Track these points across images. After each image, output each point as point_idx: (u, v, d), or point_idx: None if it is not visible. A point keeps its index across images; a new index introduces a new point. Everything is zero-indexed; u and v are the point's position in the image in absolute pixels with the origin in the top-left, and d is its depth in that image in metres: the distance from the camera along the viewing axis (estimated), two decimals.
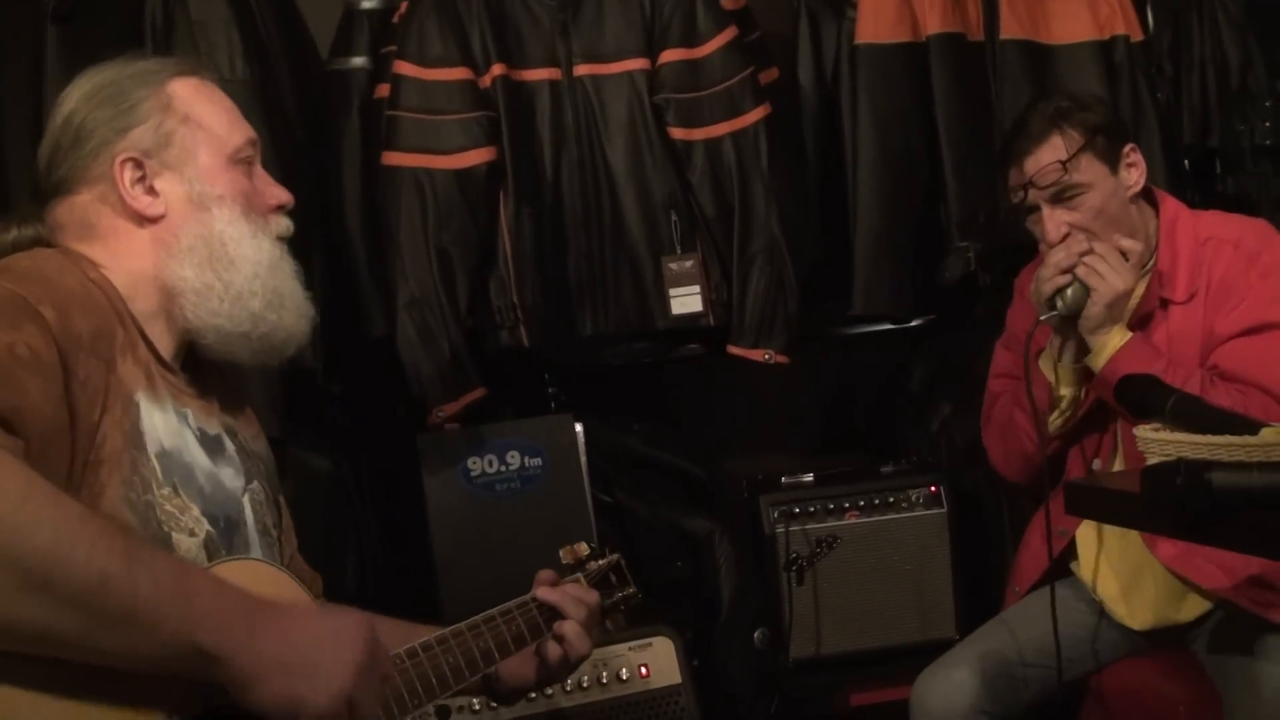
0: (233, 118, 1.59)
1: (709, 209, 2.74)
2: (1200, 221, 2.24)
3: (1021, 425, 2.28)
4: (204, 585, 1.28)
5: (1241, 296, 2.13)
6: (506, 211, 2.66)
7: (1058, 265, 2.13)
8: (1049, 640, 2.19)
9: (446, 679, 1.57)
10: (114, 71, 1.55)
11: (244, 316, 1.51)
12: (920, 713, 2.22)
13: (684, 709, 2.39)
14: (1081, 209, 2.16)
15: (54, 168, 1.52)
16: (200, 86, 1.58)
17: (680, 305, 2.76)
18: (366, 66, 2.77)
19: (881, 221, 2.87)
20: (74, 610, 1.17)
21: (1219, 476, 1.35)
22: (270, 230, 1.58)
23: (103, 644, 1.20)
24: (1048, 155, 2.16)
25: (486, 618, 1.66)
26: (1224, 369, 2.10)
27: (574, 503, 2.69)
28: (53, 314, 1.31)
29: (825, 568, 2.75)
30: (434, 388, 2.58)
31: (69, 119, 1.52)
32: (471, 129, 2.62)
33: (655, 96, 2.73)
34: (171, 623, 1.22)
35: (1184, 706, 2.12)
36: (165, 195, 1.51)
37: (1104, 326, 2.11)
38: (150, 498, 1.38)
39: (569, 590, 1.75)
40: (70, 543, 1.17)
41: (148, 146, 1.50)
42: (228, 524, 1.49)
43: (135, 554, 1.22)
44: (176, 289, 1.49)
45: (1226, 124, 2.96)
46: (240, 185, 1.56)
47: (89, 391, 1.33)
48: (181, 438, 1.46)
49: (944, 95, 2.88)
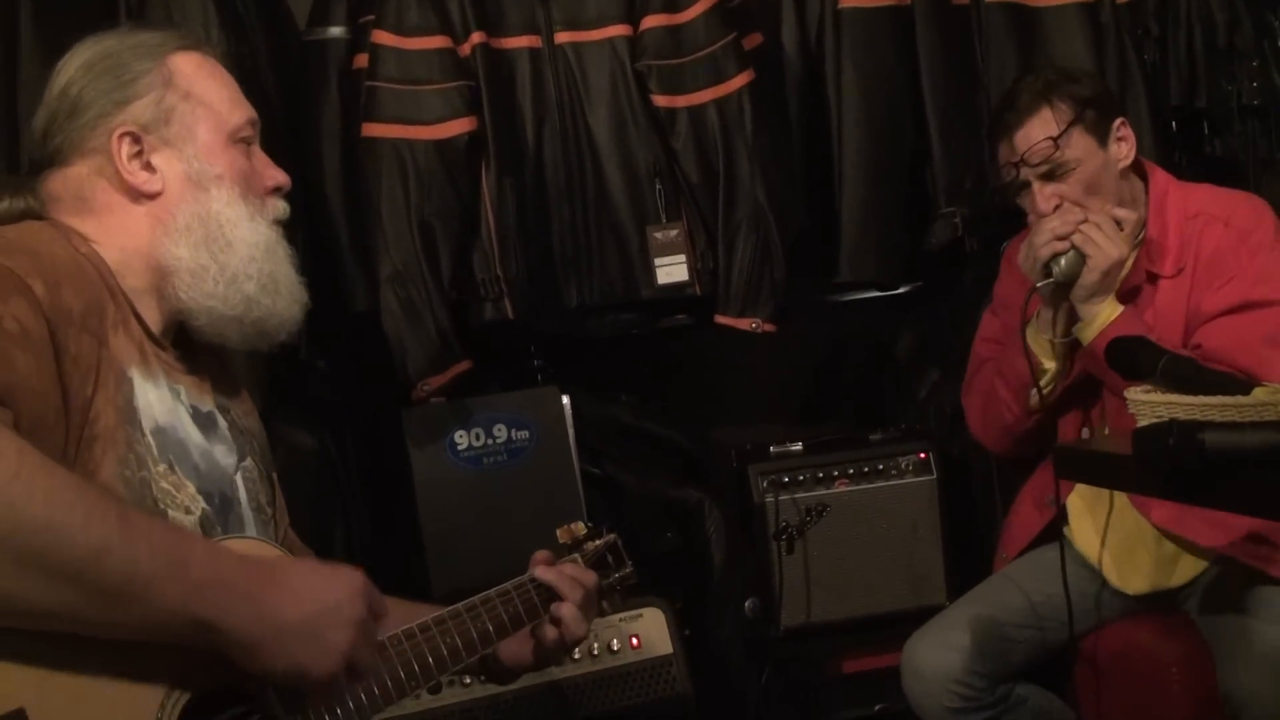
0: (234, 96, 1.56)
1: (693, 176, 2.71)
2: (1190, 195, 2.23)
3: (1002, 396, 2.28)
4: (200, 553, 1.27)
5: (1230, 274, 2.13)
6: (489, 182, 2.62)
7: (1053, 231, 2.12)
8: (1039, 602, 2.22)
9: (444, 660, 1.56)
10: (114, 42, 1.51)
11: (238, 299, 1.49)
12: (911, 675, 2.24)
13: (676, 679, 2.40)
14: (1071, 183, 2.15)
15: (49, 137, 1.49)
16: (203, 62, 1.55)
17: (666, 275, 2.74)
18: (344, 36, 2.72)
19: (867, 188, 2.84)
20: (70, 582, 1.16)
21: (1212, 436, 1.33)
22: (267, 213, 1.55)
23: (100, 616, 1.19)
24: (1038, 129, 2.14)
25: (484, 599, 1.65)
26: (1208, 349, 2.09)
27: (562, 475, 2.68)
28: (42, 288, 1.29)
29: (815, 536, 2.76)
30: (419, 361, 2.56)
31: (66, 88, 1.49)
32: (452, 99, 2.59)
33: (638, 63, 2.70)
34: (170, 593, 1.21)
35: (1176, 666, 2.13)
36: (163, 172, 1.48)
37: (1097, 296, 2.11)
38: (145, 474, 1.37)
39: (566, 571, 1.74)
40: (65, 514, 1.15)
41: (147, 121, 1.48)
42: (222, 501, 1.47)
43: (131, 524, 1.21)
44: (170, 268, 1.46)
45: (1213, 84, 2.93)
46: (239, 165, 1.53)
47: (81, 368, 1.31)
48: (175, 414, 1.45)
49: (929, 59, 2.85)
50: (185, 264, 1.46)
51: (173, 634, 1.24)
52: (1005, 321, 2.36)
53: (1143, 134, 2.81)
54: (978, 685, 2.18)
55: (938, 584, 2.77)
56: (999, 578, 2.36)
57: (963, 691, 2.17)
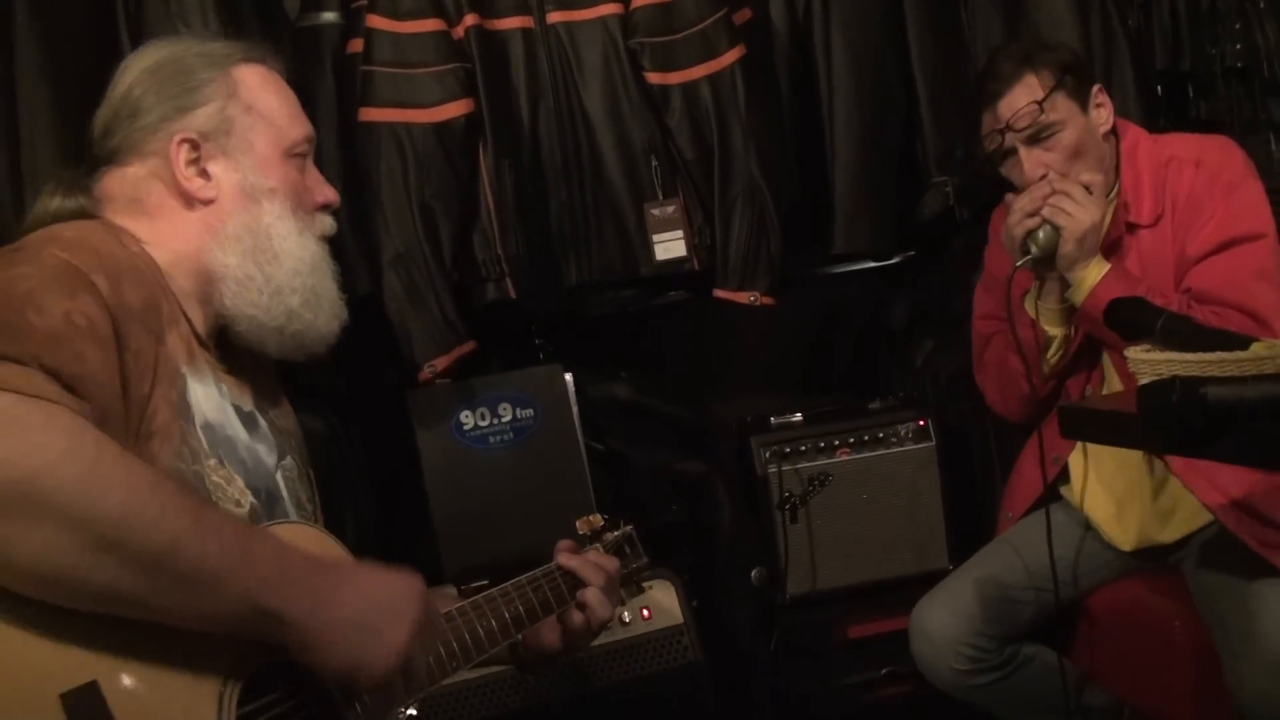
0: (293, 111, 1.59)
1: (688, 152, 2.72)
2: (1159, 144, 2.26)
3: (1016, 368, 2.31)
4: (268, 548, 1.30)
5: (1210, 215, 2.16)
6: (487, 163, 2.64)
7: (1023, 210, 2.15)
8: (1043, 563, 2.24)
9: (481, 642, 1.61)
10: (181, 48, 1.54)
11: (280, 311, 1.51)
12: (919, 638, 2.27)
13: (687, 647, 2.44)
14: (1058, 148, 2.18)
15: (109, 136, 1.51)
16: (267, 76, 1.57)
17: (664, 250, 2.76)
18: (338, 21, 2.72)
19: (859, 159, 2.87)
20: (144, 571, 1.19)
21: (1214, 391, 1.37)
22: (315, 228, 1.58)
23: (169, 604, 1.22)
24: (1022, 95, 2.17)
25: (515, 585, 1.70)
26: (1198, 290, 2.12)
27: (567, 452, 2.70)
28: (106, 284, 1.31)
29: (818, 505, 2.78)
30: (423, 343, 2.57)
31: (129, 90, 1.51)
32: (447, 81, 2.60)
33: (630, 41, 2.71)
34: (238, 585, 1.25)
35: (1179, 621, 2.17)
36: (218, 180, 1.51)
37: (1080, 261, 2.13)
38: (199, 468, 1.39)
39: (590, 557, 1.79)
40: (141, 505, 1.18)
41: (207, 129, 1.50)
42: (269, 496, 1.50)
43: (204, 517, 1.24)
44: (217, 274, 1.49)
45: (1197, 47, 2.97)
46: (293, 180, 1.56)
47: (140, 363, 1.33)
48: (222, 412, 1.48)
49: (917, 29, 2.89)
50: (232, 272, 1.49)
51: (238, 624, 1.27)
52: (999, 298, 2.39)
53: (1128, 98, 2.85)
54: (985, 647, 2.22)
55: (940, 548, 2.80)
56: (1001, 541, 2.39)
57: (971, 653, 2.21)
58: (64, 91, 2.50)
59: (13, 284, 1.26)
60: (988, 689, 2.23)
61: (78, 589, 1.18)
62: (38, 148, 2.50)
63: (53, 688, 1.18)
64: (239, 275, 1.49)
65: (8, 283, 1.26)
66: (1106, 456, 2.28)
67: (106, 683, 1.20)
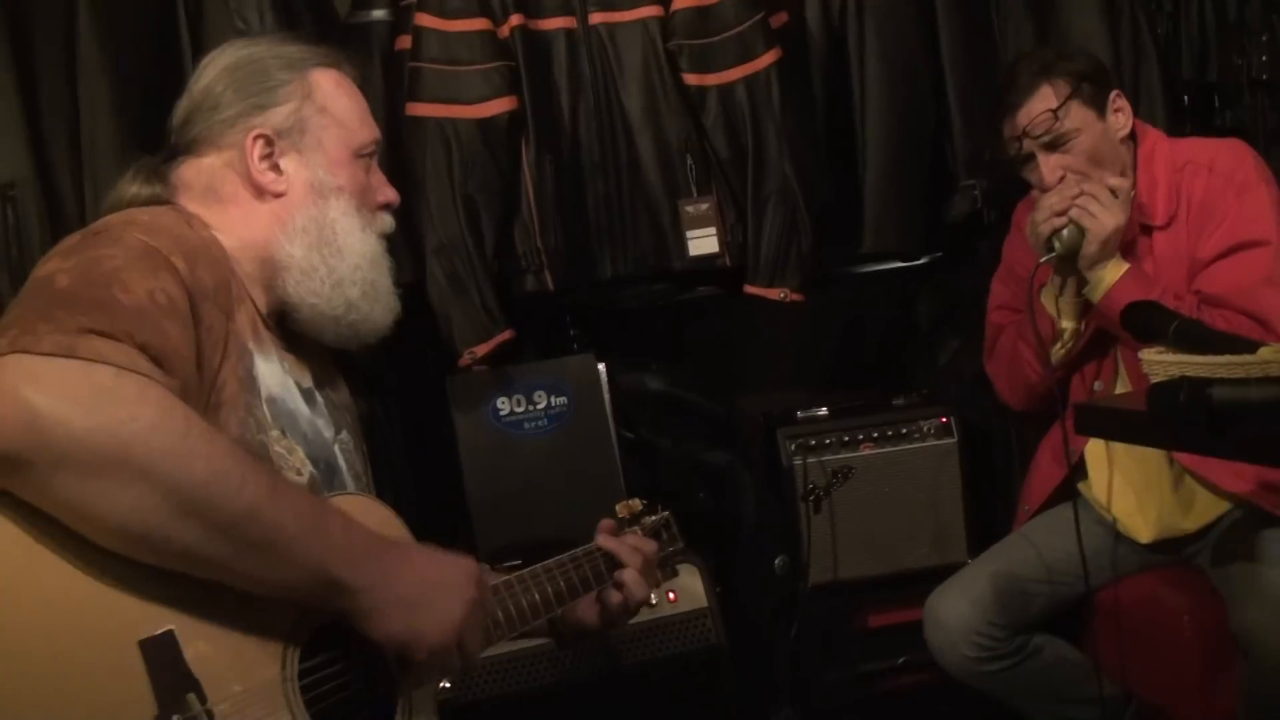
0: (364, 115, 1.67)
1: (723, 152, 2.79)
2: (1176, 147, 2.33)
3: (1025, 357, 2.38)
4: (337, 522, 1.39)
5: (1222, 217, 2.23)
6: (529, 158, 2.72)
7: (1052, 208, 2.22)
8: (1058, 556, 2.31)
9: (525, 614, 1.70)
10: (261, 49, 1.63)
11: (340, 301, 1.59)
12: (934, 626, 2.34)
13: (711, 630, 2.51)
14: (1074, 152, 2.25)
15: (188, 127, 1.60)
16: (340, 80, 1.66)
17: (697, 247, 2.82)
18: (387, 19, 2.81)
19: (890, 161, 2.93)
20: (223, 537, 1.29)
21: (1219, 391, 1.44)
22: (376, 226, 1.66)
23: (245, 568, 1.32)
24: (1038, 105, 2.25)
25: (558, 562, 1.78)
26: (1208, 294, 2.18)
27: (599, 439, 2.78)
28: (183, 264, 1.40)
29: (841, 497, 2.83)
30: (464, 330, 2.66)
31: (210, 85, 1.60)
32: (492, 79, 2.68)
33: (669, 43, 2.78)
34: (310, 554, 1.34)
35: (1188, 615, 2.23)
36: (289, 175, 1.59)
37: (1101, 262, 2.20)
38: (264, 438, 1.48)
39: (629, 540, 1.88)
40: (224, 475, 1.28)
41: (282, 128, 1.58)
42: (328, 467, 1.59)
43: (279, 489, 1.34)
44: (283, 264, 1.57)
45: (1224, 58, 3.02)
46: (359, 180, 1.64)
47: (212, 338, 1.42)
48: (285, 386, 1.56)
49: (949, 35, 2.94)
50: (297, 262, 1.57)
51: (306, 591, 1.37)
52: (1017, 290, 2.46)
53: (1155, 107, 2.90)
54: (997, 636, 2.28)
55: (959, 542, 2.85)
56: (1017, 535, 2.46)
57: (982, 642, 2.28)
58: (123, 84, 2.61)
59: (98, 264, 1.35)
60: (998, 676, 2.30)
61: (161, 548, 1.27)
62: (97, 137, 2.59)
63: (133, 634, 1.27)
64: (304, 266, 1.57)
65: (94, 263, 1.35)
66: (1124, 451, 2.34)
67: (182, 632, 1.30)
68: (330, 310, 1.59)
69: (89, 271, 1.34)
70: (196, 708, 1.29)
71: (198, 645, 1.31)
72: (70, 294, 1.31)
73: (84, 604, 1.26)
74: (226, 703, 1.32)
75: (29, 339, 1.24)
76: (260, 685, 1.36)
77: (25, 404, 1.20)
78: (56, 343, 1.24)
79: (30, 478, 1.22)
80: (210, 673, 1.31)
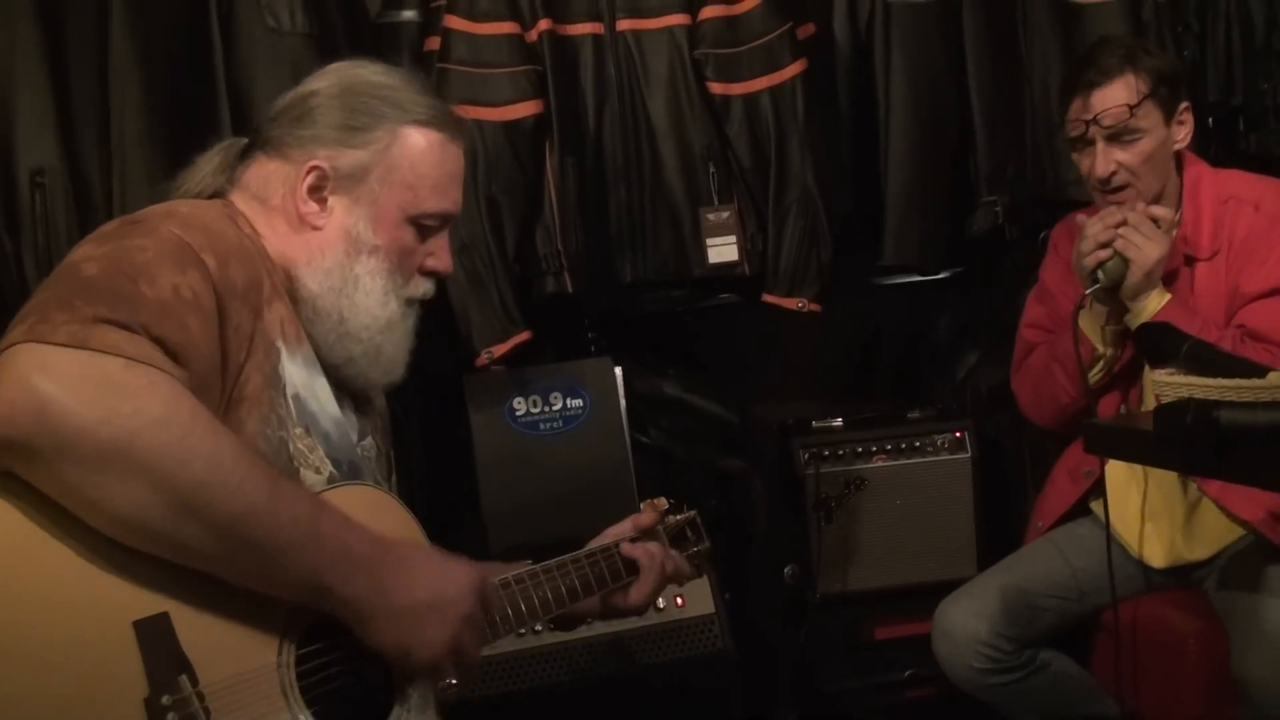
0: (441, 184, 1.62)
1: (746, 161, 2.82)
2: (1221, 180, 2.32)
3: (1059, 379, 2.38)
4: (335, 526, 1.40)
5: (1265, 257, 2.23)
6: (552, 162, 2.74)
7: (1095, 239, 2.22)
8: (1066, 572, 2.32)
9: (535, 610, 1.70)
10: (379, 80, 1.62)
11: (341, 353, 1.59)
12: (941, 637, 2.35)
13: (718, 636, 2.51)
14: (1133, 151, 2.24)
15: (274, 124, 1.61)
16: (436, 144, 1.61)
17: (717, 254, 2.84)
18: (416, 19, 2.83)
19: (912, 175, 2.94)
20: (219, 536, 1.31)
21: (1226, 414, 1.45)
22: (406, 291, 1.63)
23: (239, 568, 1.34)
24: (1118, 93, 2.22)
25: (572, 558, 1.79)
26: (1251, 328, 2.19)
27: (613, 442, 2.79)
28: (213, 262, 1.42)
29: (853, 508, 2.83)
30: (483, 330, 2.68)
31: (310, 96, 1.60)
32: (519, 82, 2.70)
33: (695, 51, 2.81)
34: (304, 560, 1.36)
35: (1192, 639, 2.23)
36: (331, 214, 1.58)
37: (1145, 292, 2.20)
38: (284, 434, 1.49)
39: (649, 548, 1.87)
40: (224, 476, 1.30)
41: (344, 169, 1.57)
42: (350, 468, 1.59)
43: (279, 491, 1.35)
44: (301, 294, 1.57)
45: (1250, 82, 3.02)
46: (400, 243, 1.60)
47: (239, 336, 1.43)
48: (311, 385, 1.56)
49: (975, 52, 2.95)
50: (314, 300, 1.57)
51: (298, 594, 1.39)
52: (1052, 310, 2.46)
53: None
54: (1004, 648, 2.28)
55: (969, 557, 2.84)
56: (1029, 549, 2.46)
57: (989, 654, 2.28)
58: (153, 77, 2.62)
59: (130, 254, 1.37)
60: (1004, 689, 2.30)
61: (158, 541, 1.30)
62: (126, 128, 2.61)
63: (127, 615, 1.30)
64: (319, 305, 1.57)
65: (126, 253, 1.37)
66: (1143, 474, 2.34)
67: (177, 615, 1.32)
68: (329, 356, 1.59)
69: (119, 262, 1.36)
70: (187, 689, 1.31)
71: (193, 628, 1.33)
72: (95, 283, 1.33)
73: (81, 583, 1.28)
74: (218, 686, 1.34)
75: (45, 328, 1.26)
76: (254, 670, 1.38)
77: (35, 392, 1.22)
78: (71, 333, 1.26)
79: (35, 463, 1.24)
80: (204, 656, 1.33)
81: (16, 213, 2.53)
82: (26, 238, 2.53)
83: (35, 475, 1.26)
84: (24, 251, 2.52)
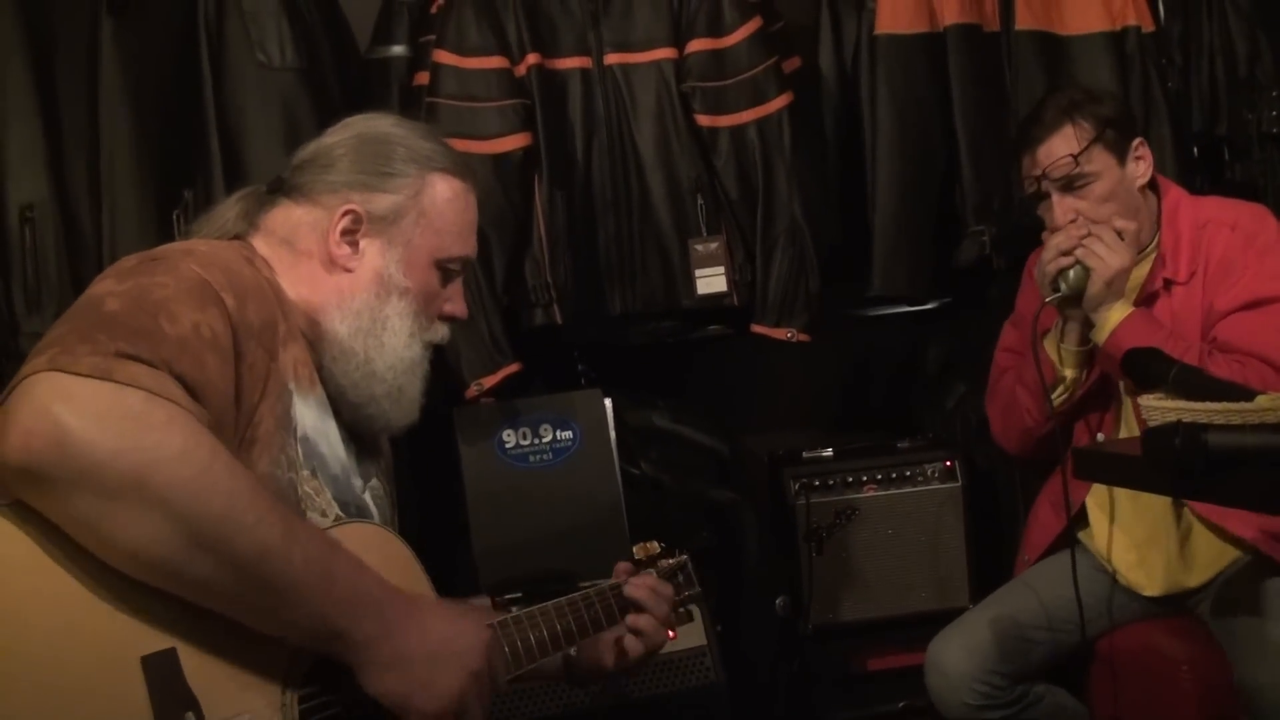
0: (464, 231, 1.68)
1: (733, 193, 2.83)
2: (1199, 206, 2.35)
3: (1023, 402, 2.39)
4: (348, 569, 1.39)
5: (1240, 274, 2.24)
6: (541, 194, 2.76)
7: (1058, 248, 2.24)
8: (1059, 604, 2.30)
9: (533, 650, 1.67)
10: (399, 134, 1.65)
11: (363, 392, 1.60)
12: (935, 673, 2.33)
13: (709, 669, 2.50)
14: (1090, 197, 2.27)
15: (299, 173, 1.63)
16: (459, 192, 1.67)
17: (705, 285, 2.85)
18: (406, 55, 2.87)
19: (899, 206, 2.96)
20: (232, 573, 1.30)
21: (1215, 437, 1.45)
22: (428, 334, 1.67)
23: (251, 606, 1.34)
24: (1060, 145, 2.26)
25: (569, 600, 1.77)
26: (1223, 341, 2.20)
27: (603, 474, 2.77)
28: (233, 301, 1.42)
29: (844, 538, 2.84)
30: (472, 362, 2.68)
31: (334, 146, 1.64)
32: (508, 115, 2.72)
33: (683, 85, 2.83)
34: (314, 602, 1.35)
35: (1187, 665, 2.22)
36: (363, 258, 1.60)
37: (1106, 303, 2.21)
38: (293, 476, 1.49)
39: (649, 583, 1.86)
40: (240, 514, 1.29)
41: (377, 213, 1.61)
42: (358, 511, 1.59)
43: (293, 532, 1.35)
44: (327, 336, 1.58)
45: (1234, 113, 3.05)
46: (428, 286, 1.65)
47: (254, 376, 1.44)
48: (322, 428, 1.56)
49: (960, 84, 2.97)
50: (340, 341, 1.58)
51: (308, 635, 1.38)
52: (1024, 335, 2.47)
53: (1165, 159, 2.92)
54: (997, 684, 2.27)
55: (961, 586, 2.86)
56: (1018, 582, 2.45)
57: (983, 690, 2.26)
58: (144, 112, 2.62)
59: (150, 291, 1.37)
60: None
61: (169, 576, 1.29)
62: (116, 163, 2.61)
63: (136, 650, 1.29)
64: (345, 346, 1.58)
65: (145, 290, 1.37)
66: (1126, 502, 2.34)
67: (183, 652, 1.32)
68: (353, 397, 1.60)
69: (140, 298, 1.36)
70: None
71: (199, 665, 1.32)
72: (116, 318, 1.33)
73: (90, 614, 1.27)
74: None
75: (67, 358, 1.26)
76: (259, 709, 1.37)
77: (55, 421, 1.22)
78: (93, 365, 1.25)
79: (51, 493, 1.24)
80: (210, 693, 1.32)
81: (6, 247, 2.53)
82: (15, 273, 2.53)
83: (48, 505, 1.25)
84: (13, 286, 2.52)
